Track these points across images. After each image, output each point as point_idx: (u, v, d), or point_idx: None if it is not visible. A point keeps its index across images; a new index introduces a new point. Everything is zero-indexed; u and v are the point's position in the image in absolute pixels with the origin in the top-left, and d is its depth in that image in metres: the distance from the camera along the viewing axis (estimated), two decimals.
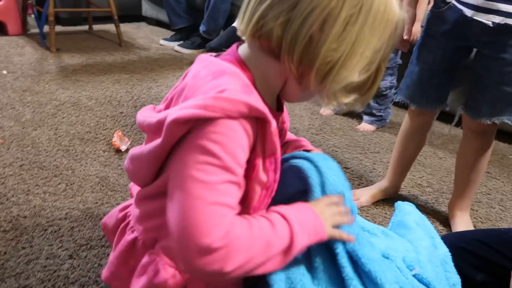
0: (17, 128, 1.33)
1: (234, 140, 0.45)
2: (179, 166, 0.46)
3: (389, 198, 1.19)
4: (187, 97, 0.49)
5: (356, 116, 1.78)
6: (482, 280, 0.87)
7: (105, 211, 1.00)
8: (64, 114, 1.47)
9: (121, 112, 1.54)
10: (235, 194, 0.48)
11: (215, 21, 2.44)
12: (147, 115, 0.53)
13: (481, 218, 1.18)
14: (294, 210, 0.52)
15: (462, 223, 1.09)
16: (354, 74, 0.48)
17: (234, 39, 2.02)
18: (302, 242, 0.50)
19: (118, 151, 1.27)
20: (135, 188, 0.61)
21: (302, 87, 0.51)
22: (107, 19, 2.68)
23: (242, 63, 0.51)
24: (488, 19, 0.89)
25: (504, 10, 0.87)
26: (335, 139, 1.56)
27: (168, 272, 0.53)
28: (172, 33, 2.78)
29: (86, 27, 2.75)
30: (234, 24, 2.22)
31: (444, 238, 0.95)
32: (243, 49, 0.53)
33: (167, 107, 0.54)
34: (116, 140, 1.27)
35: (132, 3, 3.08)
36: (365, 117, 1.71)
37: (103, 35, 2.64)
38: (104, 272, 0.60)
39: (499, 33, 0.89)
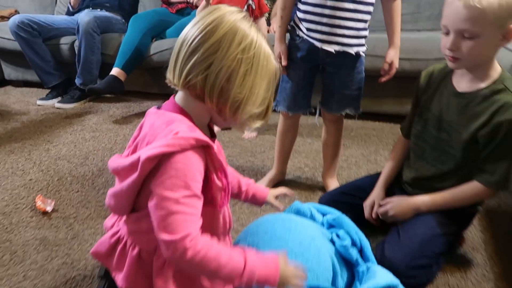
0: None
1: (190, 165, 0.70)
2: (155, 190, 0.69)
3: (280, 182, 1.55)
4: (150, 142, 0.73)
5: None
6: (350, 218, 1.24)
7: (58, 262, 1.15)
8: None
9: (30, 179, 1.63)
10: (196, 204, 0.71)
11: (89, 72, 2.56)
12: (119, 161, 0.75)
13: (345, 178, 1.61)
14: (258, 257, 0.73)
15: (333, 185, 1.50)
16: (255, 107, 0.75)
17: (113, 85, 2.24)
18: (252, 269, 0.70)
19: (44, 213, 1.39)
20: (109, 222, 0.83)
21: (222, 118, 0.77)
22: None
23: (182, 110, 0.76)
24: (331, 48, 1.28)
25: (341, 42, 1.27)
26: (228, 150, 1.88)
27: (171, 266, 0.77)
28: (46, 91, 2.80)
29: None
30: (112, 73, 2.37)
31: (321, 198, 1.33)
32: (178, 98, 0.77)
33: (134, 151, 0.76)
34: (40, 204, 1.39)
35: None
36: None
37: None
38: (121, 284, 0.80)
39: (338, 57, 1.29)
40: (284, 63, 1.36)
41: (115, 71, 2.37)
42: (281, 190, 1.07)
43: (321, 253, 0.91)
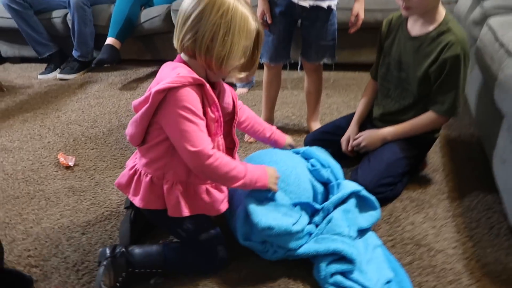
0: None
1: (190, 96, 0.92)
2: (171, 118, 0.92)
3: None
4: (159, 81, 0.94)
5: (231, 85, 2.31)
6: (330, 152, 1.42)
7: (87, 204, 1.37)
8: (0, 159, 1.71)
9: (48, 142, 1.83)
10: (203, 124, 0.94)
11: (85, 44, 2.69)
12: (137, 100, 0.98)
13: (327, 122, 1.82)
14: (254, 167, 1.02)
15: (316, 128, 1.71)
16: (236, 61, 0.95)
17: (112, 53, 2.41)
18: (251, 177, 0.99)
19: (67, 167, 1.60)
20: (130, 162, 1.07)
21: (212, 72, 0.98)
22: None
23: (184, 62, 0.98)
24: (305, 3, 1.45)
25: None
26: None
27: (179, 187, 1.00)
28: (44, 65, 2.94)
29: None
30: (108, 42, 2.52)
31: (306, 138, 1.54)
32: (182, 56, 1.00)
33: (149, 91, 0.97)
34: (63, 160, 1.60)
35: None
36: (238, 84, 2.26)
37: None
38: (138, 203, 1.04)
39: (312, 11, 1.47)
40: (269, 20, 1.53)
41: (110, 40, 2.52)
42: (290, 140, 1.31)
43: (301, 178, 1.14)
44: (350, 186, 1.13)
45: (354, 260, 1.00)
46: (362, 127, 1.45)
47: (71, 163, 1.60)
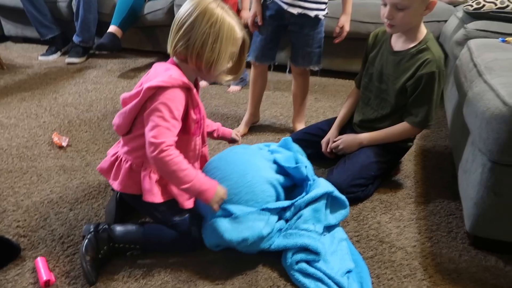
0: None
1: (176, 98, 1.01)
2: (150, 111, 1.01)
3: (256, 125, 1.86)
4: (150, 79, 1.03)
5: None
6: (311, 152, 1.53)
7: (77, 183, 1.45)
8: None
9: (44, 122, 1.90)
10: (175, 124, 1.02)
11: (88, 30, 2.76)
12: (127, 93, 1.07)
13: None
14: (206, 179, 1.06)
15: (300, 128, 1.81)
16: (223, 66, 1.06)
17: (113, 40, 2.49)
18: (199, 185, 1.02)
19: (60, 147, 1.67)
20: (111, 150, 1.16)
21: (202, 74, 1.08)
22: None
23: (176, 65, 1.07)
24: (294, 10, 1.54)
25: (303, 6, 1.53)
26: (215, 101, 2.16)
27: (155, 175, 1.09)
28: (45, 47, 3.00)
29: None
30: (110, 30, 2.58)
31: (290, 137, 1.62)
32: (174, 59, 1.08)
33: (139, 86, 1.05)
34: (56, 139, 1.67)
35: None
36: (232, 82, 2.34)
37: None
38: (117, 187, 1.12)
39: (300, 18, 1.56)
40: (260, 22, 1.62)
41: (112, 28, 2.59)
42: (234, 135, 1.40)
43: (255, 184, 1.14)
44: (324, 186, 1.21)
45: (319, 252, 1.08)
46: (342, 131, 1.54)
47: (64, 143, 1.67)
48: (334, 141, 1.50)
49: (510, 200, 1.06)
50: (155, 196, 1.09)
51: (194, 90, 1.06)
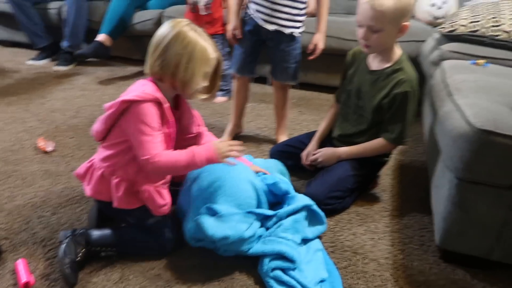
0: None
1: (150, 111, 1.06)
2: (131, 128, 1.06)
3: (239, 136, 1.91)
4: (128, 93, 1.08)
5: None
6: (291, 164, 1.59)
7: (61, 187, 1.47)
8: None
9: (30, 126, 1.91)
10: (158, 135, 1.08)
11: (76, 36, 2.79)
12: (109, 103, 1.11)
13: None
14: (201, 147, 1.14)
15: (282, 140, 1.86)
16: (198, 83, 1.12)
17: (99, 50, 2.54)
18: (201, 158, 1.10)
19: (45, 152, 1.69)
20: (97, 156, 1.18)
21: (177, 92, 1.14)
22: None
23: (154, 82, 1.13)
24: (270, 27, 1.61)
25: (278, 23, 1.60)
26: (201, 111, 2.16)
27: (124, 184, 1.13)
28: (34, 52, 3.01)
29: None
30: (98, 39, 2.62)
31: (272, 149, 1.68)
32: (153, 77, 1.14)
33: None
34: (42, 144, 1.69)
35: None
36: (218, 93, 2.39)
37: None
38: (88, 193, 1.17)
39: (275, 35, 1.63)
40: (238, 36, 1.69)
41: (101, 37, 2.62)
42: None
43: (240, 178, 1.22)
44: (303, 200, 1.27)
45: (295, 260, 1.13)
46: (322, 144, 1.59)
47: (50, 148, 1.69)
48: (314, 154, 1.55)
49: (475, 215, 1.11)
50: (126, 203, 1.14)
51: (166, 105, 1.11)
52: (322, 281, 1.13)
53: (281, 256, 1.13)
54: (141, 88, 1.09)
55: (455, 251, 1.21)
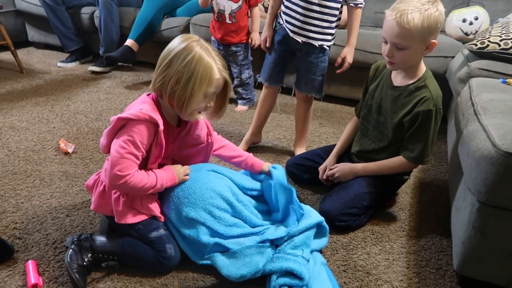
0: None
1: (142, 131, 1.06)
2: (116, 141, 1.06)
3: (256, 145, 1.88)
4: (129, 108, 1.09)
5: (233, 101, 2.45)
6: (307, 178, 1.56)
7: (76, 189, 1.49)
8: (7, 137, 1.84)
9: (54, 127, 1.96)
10: (138, 156, 1.07)
11: (110, 39, 2.84)
12: (113, 117, 1.09)
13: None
14: (162, 171, 1.15)
15: (300, 153, 1.83)
16: (197, 104, 1.08)
17: (126, 54, 2.60)
18: (162, 182, 1.12)
19: (66, 153, 1.72)
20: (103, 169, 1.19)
21: (175, 111, 1.12)
22: None
23: (156, 100, 1.13)
24: (299, 38, 1.60)
25: (307, 35, 1.59)
26: (221, 119, 2.20)
27: (122, 198, 1.13)
28: (65, 54, 3.11)
29: None
30: (126, 43, 2.68)
31: (288, 161, 1.65)
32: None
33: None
34: (63, 145, 1.73)
35: (16, 30, 3.29)
36: (239, 101, 2.39)
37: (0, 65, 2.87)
38: (91, 206, 1.17)
39: (304, 46, 1.61)
40: (268, 45, 1.69)
41: (129, 42, 2.68)
42: (266, 168, 1.34)
43: (204, 193, 1.18)
44: (314, 216, 1.23)
45: (304, 278, 1.09)
46: (339, 159, 1.56)
47: (70, 150, 1.73)
48: (331, 169, 1.51)
49: (496, 241, 1.05)
50: (127, 218, 1.13)
51: (160, 128, 1.08)
52: None
53: (289, 273, 1.10)
54: (139, 106, 1.08)
55: (473, 277, 1.15)
